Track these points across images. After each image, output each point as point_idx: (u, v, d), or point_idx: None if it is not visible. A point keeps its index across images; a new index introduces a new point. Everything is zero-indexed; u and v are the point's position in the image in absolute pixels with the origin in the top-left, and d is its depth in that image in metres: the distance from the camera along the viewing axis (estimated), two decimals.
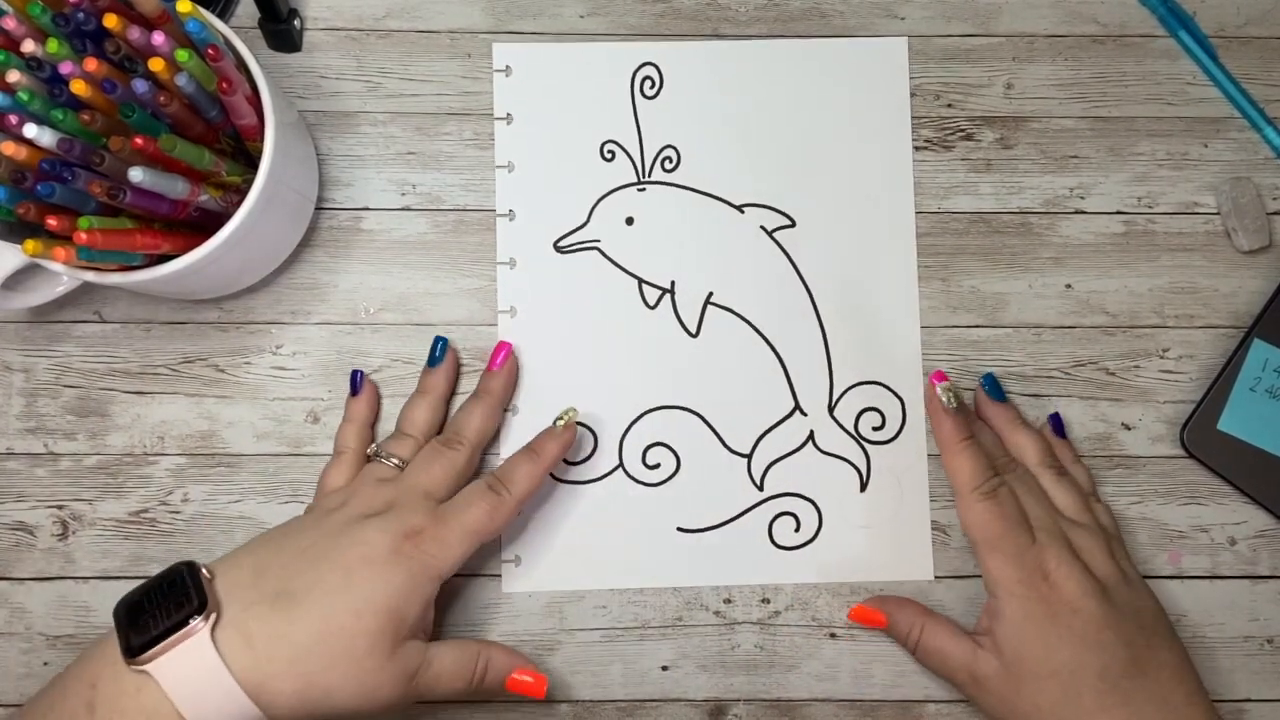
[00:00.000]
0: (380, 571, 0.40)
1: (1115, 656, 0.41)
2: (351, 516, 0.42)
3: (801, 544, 0.49)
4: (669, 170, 0.50)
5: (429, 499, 0.43)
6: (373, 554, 0.40)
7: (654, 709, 0.48)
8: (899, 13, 0.52)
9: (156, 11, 0.39)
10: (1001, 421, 0.48)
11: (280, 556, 0.41)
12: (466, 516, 0.42)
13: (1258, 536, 0.49)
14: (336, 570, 0.40)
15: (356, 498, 0.43)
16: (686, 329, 0.50)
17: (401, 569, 0.40)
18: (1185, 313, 0.50)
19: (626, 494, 0.49)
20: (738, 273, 0.50)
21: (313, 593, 0.39)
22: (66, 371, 0.49)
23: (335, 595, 0.39)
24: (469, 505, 0.43)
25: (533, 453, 0.45)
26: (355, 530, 0.41)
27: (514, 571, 0.48)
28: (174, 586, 0.38)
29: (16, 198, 0.38)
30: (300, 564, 0.40)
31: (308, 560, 0.40)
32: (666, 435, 0.49)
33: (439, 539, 0.41)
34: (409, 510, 0.42)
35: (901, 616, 0.46)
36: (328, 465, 0.46)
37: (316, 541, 0.41)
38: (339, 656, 0.39)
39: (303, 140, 0.47)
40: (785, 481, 0.49)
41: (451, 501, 0.43)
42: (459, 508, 0.43)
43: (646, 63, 0.51)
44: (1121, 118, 0.52)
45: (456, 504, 0.43)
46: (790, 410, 0.49)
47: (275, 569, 0.40)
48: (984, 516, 0.44)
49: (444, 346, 0.48)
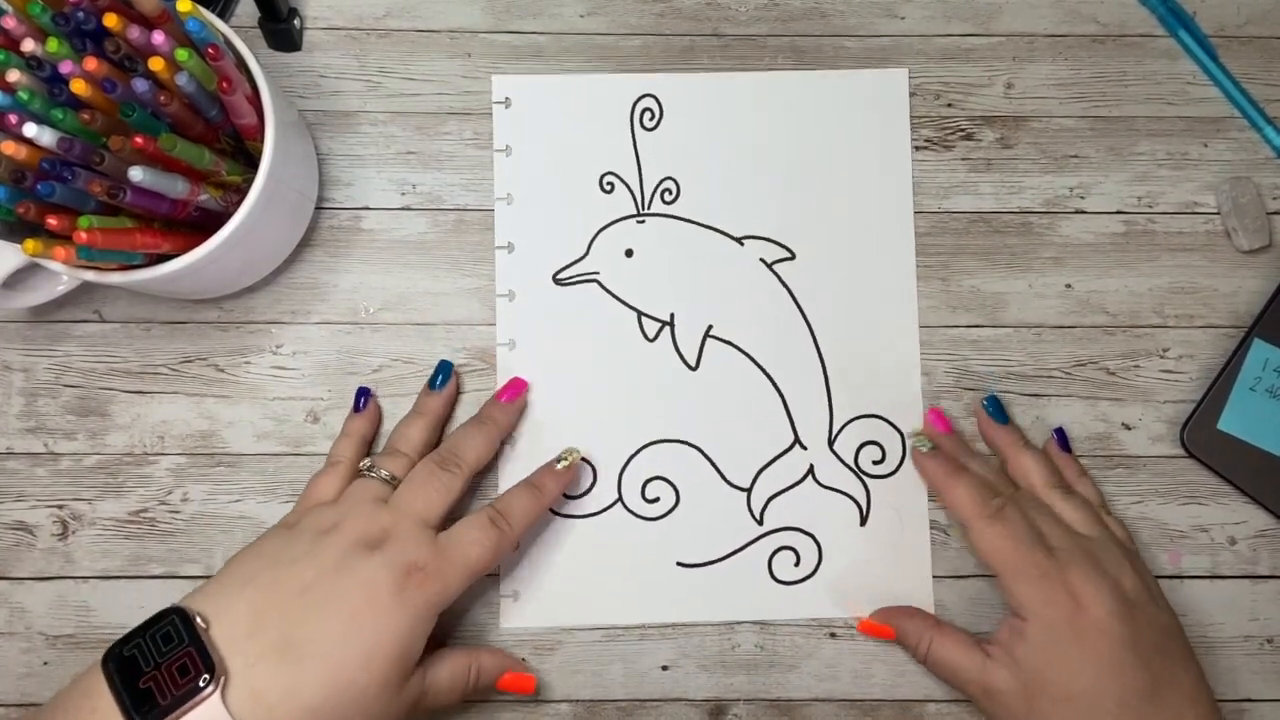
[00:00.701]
0: (385, 615, 0.39)
1: (1135, 680, 0.41)
2: (348, 546, 0.40)
3: (801, 579, 0.48)
4: (669, 202, 0.50)
5: (426, 527, 0.42)
6: (376, 595, 0.39)
7: (654, 709, 0.48)
8: (899, 12, 0.52)
9: (156, 11, 0.39)
10: (1005, 444, 0.48)
11: (277, 597, 0.39)
12: (469, 553, 0.42)
13: (1258, 536, 0.49)
14: (341, 617, 0.39)
15: (350, 520, 0.42)
16: (686, 362, 0.50)
17: (406, 610, 0.40)
18: (1185, 312, 0.50)
19: (626, 528, 0.48)
20: (737, 305, 0.50)
21: (319, 643, 0.38)
22: (66, 371, 0.49)
23: (343, 646, 0.38)
24: (470, 540, 0.42)
25: (533, 488, 0.45)
26: (355, 566, 0.40)
27: (512, 607, 0.48)
28: (169, 641, 0.37)
29: (16, 197, 0.38)
30: (301, 608, 0.39)
31: (309, 604, 0.39)
32: (666, 469, 0.49)
33: (440, 575, 0.41)
34: (409, 542, 0.41)
35: (910, 628, 0.46)
36: (318, 474, 0.46)
37: (316, 580, 0.39)
38: (350, 706, 0.38)
39: (303, 140, 0.47)
40: (785, 516, 0.49)
41: (451, 534, 0.42)
42: (460, 543, 0.42)
43: (646, 94, 0.51)
44: (1121, 117, 0.52)
45: (457, 537, 0.42)
46: (790, 444, 0.49)
47: (274, 614, 0.38)
48: (996, 541, 0.43)
49: (447, 372, 0.48)
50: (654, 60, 0.51)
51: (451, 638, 0.47)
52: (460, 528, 0.43)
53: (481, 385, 0.49)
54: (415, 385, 0.49)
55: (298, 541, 0.41)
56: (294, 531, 0.42)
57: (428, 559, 0.41)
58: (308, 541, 0.41)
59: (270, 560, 0.40)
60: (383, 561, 0.40)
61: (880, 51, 0.52)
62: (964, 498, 0.44)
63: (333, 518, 0.42)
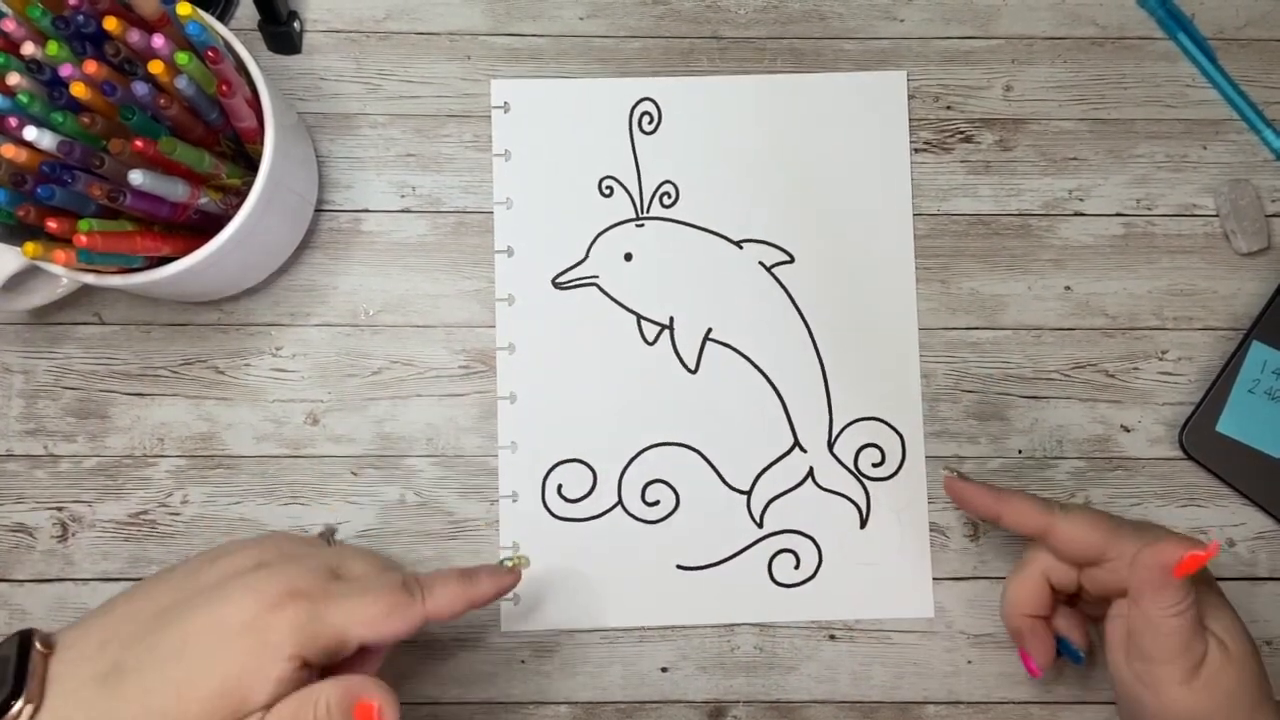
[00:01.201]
0: (224, 641, 0.34)
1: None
2: (233, 569, 0.36)
3: (801, 581, 0.48)
4: (668, 206, 0.50)
5: (328, 572, 0.37)
6: (227, 616, 0.34)
7: (654, 710, 0.48)
8: (898, 14, 0.52)
9: (156, 14, 0.39)
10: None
11: (132, 621, 0.35)
12: (360, 603, 0.35)
13: (1256, 538, 0.49)
14: (175, 638, 0.34)
15: (256, 545, 0.38)
16: (685, 365, 0.50)
17: (255, 638, 0.34)
18: (1184, 315, 0.50)
19: (626, 531, 0.48)
20: (736, 308, 0.50)
21: (143, 668, 0.33)
22: (66, 373, 0.49)
23: (163, 669, 0.33)
24: (368, 593, 0.36)
25: (466, 578, 0.39)
26: (225, 586, 0.35)
27: (513, 611, 0.48)
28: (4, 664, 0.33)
29: (16, 200, 0.38)
30: (146, 632, 0.34)
31: (156, 627, 0.34)
32: (665, 472, 0.49)
33: (318, 611, 0.35)
34: (299, 569, 0.36)
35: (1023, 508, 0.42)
36: None
37: (176, 602, 0.35)
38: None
39: (302, 142, 0.47)
40: (785, 518, 0.49)
41: (352, 582, 0.37)
42: (355, 590, 0.36)
43: (645, 98, 0.51)
44: (1121, 120, 0.52)
45: (353, 586, 0.36)
46: (790, 447, 0.49)
47: (122, 637, 0.34)
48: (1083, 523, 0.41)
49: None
50: (653, 63, 0.51)
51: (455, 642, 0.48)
52: (364, 578, 0.37)
53: (482, 388, 0.49)
54: (415, 388, 0.49)
55: (188, 563, 0.38)
56: (195, 556, 0.39)
57: (313, 588, 0.35)
58: (196, 564, 0.37)
59: (152, 581, 0.37)
60: (254, 582, 0.35)
61: (879, 54, 0.52)
62: (1026, 504, 0.42)
63: (238, 545, 0.38)
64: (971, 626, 0.48)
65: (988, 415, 0.50)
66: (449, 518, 0.48)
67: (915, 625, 0.48)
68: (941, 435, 0.49)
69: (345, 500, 0.48)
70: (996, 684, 0.48)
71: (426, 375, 0.49)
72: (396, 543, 0.48)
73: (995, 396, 0.50)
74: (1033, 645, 0.43)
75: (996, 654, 0.48)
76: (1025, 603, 0.43)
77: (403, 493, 0.48)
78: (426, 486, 0.49)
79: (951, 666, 0.48)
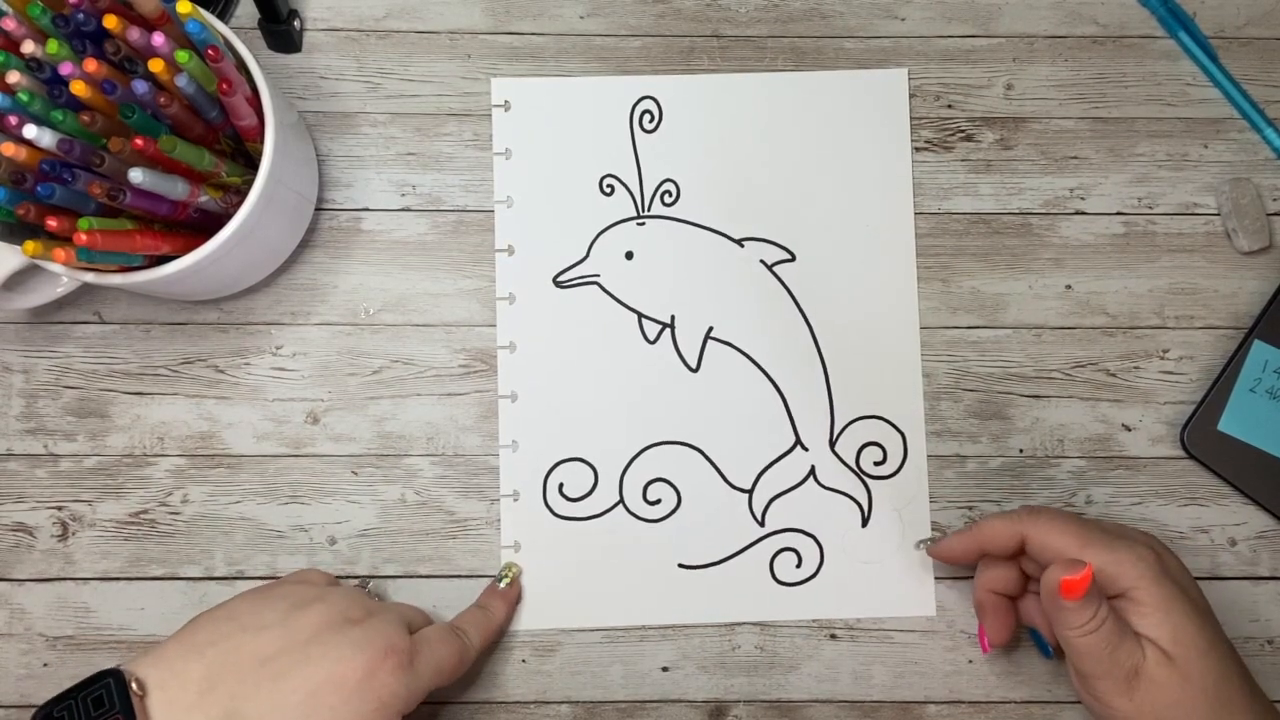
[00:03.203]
0: (349, 698, 0.36)
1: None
2: (325, 621, 0.38)
3: (802, 580, 0.48)
4: (668, 204, 0.50)
5: (406, 626, 0.41)
6: (344, 675, 0.36)
7: (654, 710, 0.48)
8: (899, 13, 0.52)
9: (156, 12, 0.39)
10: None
11: (237, 665, 0.36)
12: (439, 652, 0.40)
13: (1258, 537, 0.49)
14: (300, 693, 0.36)
15: (333, 597, 0.40)
16: (687, 364, 0.50)
17: (370, 698, 0.37)
18: (1185, 313, 0.50)
19: (627, 530, 0.48)
20: (738, 307, 0.50)
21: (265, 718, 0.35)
22: (66, 372, 0.49)
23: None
24: (440, 640, 0.41)
25: (482, 609, 0.45)
26: (329, 640, 0.37)
27: (516, 610, 0.48)
28: (100, 706, 0.34)
29: (16, 199, 0.38)
30: (258, 679, 0.36)
31: (268, 676, 0.36)
32: (667, 471, 0.49)
33: (414, 667, 0.38)
34: (389, 626, 0.39)
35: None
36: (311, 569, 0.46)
37: (283, 651, 0.37)
38: None
39: (303, 141, 0.47)
40: (786, 517, 0.49)
41: (423, 633, 0.41)
42: (431, 641, 0.40)
43: (645, 96, 0.51)
44: (1121, 118, 0.52)
45: (428, 637, 0.40)
46: (791, 445, 0.49)
47: (229, 681, 0.35)
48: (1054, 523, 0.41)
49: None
50: (654, 61, 0.51)
51: None
52: (429, 630, 0.41)
53: (482, 387, 0.49)
54: (415, 387, 0.49)
55: (272, 609, 0.39)
56: (269, 599, 0.40)
57: (404, 644, 0.39)
58: (283, 611, 0.39)
59: (239, 625, 0.38)
60: (360, 638, 0.38)
61: (880, 52, 0.52)
62: (995, 523, 0.43)
63: (315, 594, 0.40)
64: (973, 626, 0.48)
65: (989, 414, 0.50)
66: (449, 517, 0.48)
67: (916, 624, 0.48)
68: (943, 434, 0.49)
69: (345, 499, 0.48)
70: (997, 683, 0.48)
71: (427, 374, 0.49)
72: (397, 542, 0.48)
73: (996, 395, 0.50)
74: (990, 621, 0.45)
75: (997, 653, 0.48)
76: (993, 580, 0.45)
77: (403, 492, 0.48)
78: (427, 486, 0.49)
79: (952, 666, 0.48)
